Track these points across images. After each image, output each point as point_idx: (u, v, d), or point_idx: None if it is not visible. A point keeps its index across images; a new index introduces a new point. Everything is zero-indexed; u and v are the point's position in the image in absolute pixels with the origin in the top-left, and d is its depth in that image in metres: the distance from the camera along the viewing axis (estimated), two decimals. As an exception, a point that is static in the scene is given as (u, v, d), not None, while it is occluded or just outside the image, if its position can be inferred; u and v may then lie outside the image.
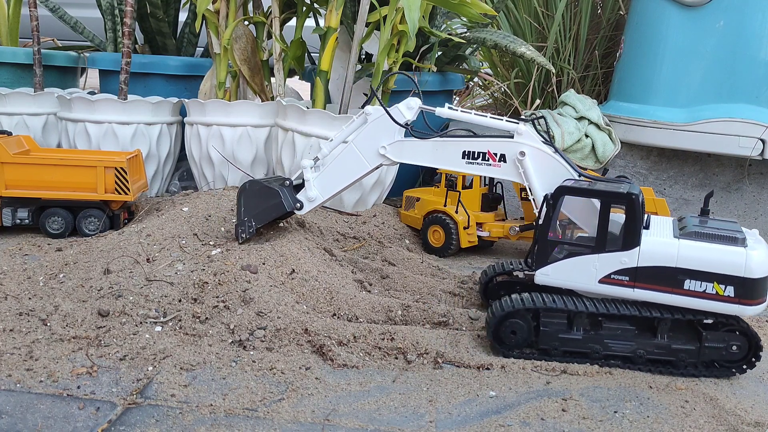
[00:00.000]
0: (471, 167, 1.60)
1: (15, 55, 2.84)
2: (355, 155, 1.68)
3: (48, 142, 2.67)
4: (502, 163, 1.57)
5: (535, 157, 1.53)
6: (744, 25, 2.39)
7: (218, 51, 2.47)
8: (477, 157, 1.59)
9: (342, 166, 1.70)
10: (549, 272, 1.46)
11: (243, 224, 1.74)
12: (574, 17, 3.05)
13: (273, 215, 1.74)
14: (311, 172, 1.72)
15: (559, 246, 1.46)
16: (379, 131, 1.66)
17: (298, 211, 1.74)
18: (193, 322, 1.48)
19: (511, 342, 1.43)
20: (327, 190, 1.72)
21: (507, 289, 1.68)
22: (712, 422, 1.23)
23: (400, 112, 1.65)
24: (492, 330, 1.43)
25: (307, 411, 1.20)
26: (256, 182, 1.74)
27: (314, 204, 1.73)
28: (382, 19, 2.22)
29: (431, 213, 2.21)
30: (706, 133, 2.44)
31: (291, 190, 1.74)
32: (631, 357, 1.42)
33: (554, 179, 1.51)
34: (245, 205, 1.74)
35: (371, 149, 1.67)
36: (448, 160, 1.62)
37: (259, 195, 1.73)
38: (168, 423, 1.14)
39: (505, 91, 3.17)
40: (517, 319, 1.42)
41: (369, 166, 1.68)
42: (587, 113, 2.56)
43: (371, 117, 1.66)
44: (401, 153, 1.66)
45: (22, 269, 1.73)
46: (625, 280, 1.40)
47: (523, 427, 1.19)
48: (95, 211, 2.10)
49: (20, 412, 1.15)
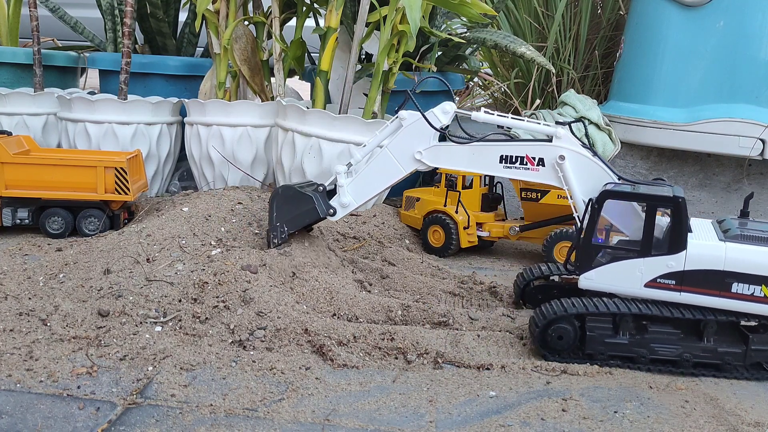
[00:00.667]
0: (509, 171, 1.59)
1: (15, 55, 2.84)
2: (390, 160, 1.67)
3: (48, 142, 2.67)
4: (541, 167, 1.57)
5: (575, 161, 1.53)
6: (744, 25, 2.39)
7: (218, 51, 2.47)
8: (515, 162, 1.58)
9: (376, 171, 1.69)
10: (593, 276, 1.45)
11: (275, 230, 1.74)
12: (574, 17, 3.05)
13: (306, 221, 1.74)
14: (344, 177, 1.71)
15: (603, 250, 1.45)
16: (414, 136, 1.65)
17: (331, 217, 1.73)
18: (193, 322, 1.48)
19: (557, 347, 1.43)
20: (360, 195, 1.71)
21: (544, 293, 1.67)
22: (712, 422, 1.23)
23: (436, 116, 1.63)
24: (538, 335, 1.42)
25: (307, 411, 1.20)
26: (290, 187, 1.73)
27: (347, 210, 1.72)
28: (382, 19, 2.22)
29: (431, 213, 2.21)
30: (706, 133, 2.45)
31: (324, 195, 1.73)
32: (677, 361, 1.42)
33: (594, 183, 1.52)
34: (278, 210, 1.73)
35: (406, 154, 1.66)
36: (486, 164, 1.61)
37: (292, 200, 1.72)
38: (168, 423, 1.14)
39: (505, 91, 3.17)
40: (563, 324, 1.41)
41: (404, 172, 1.68)
42: (587, 113, 2.56)
43: (406, 122, 1.65)
44: (437, 158, 1.65)
45: (22, 269, 1.73)
46: (671, 283, 1.41)
47: (523, 427, 1.19)
48: (95, 211, 2.10)
49: (20, 412, 1.15)
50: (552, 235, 2.09)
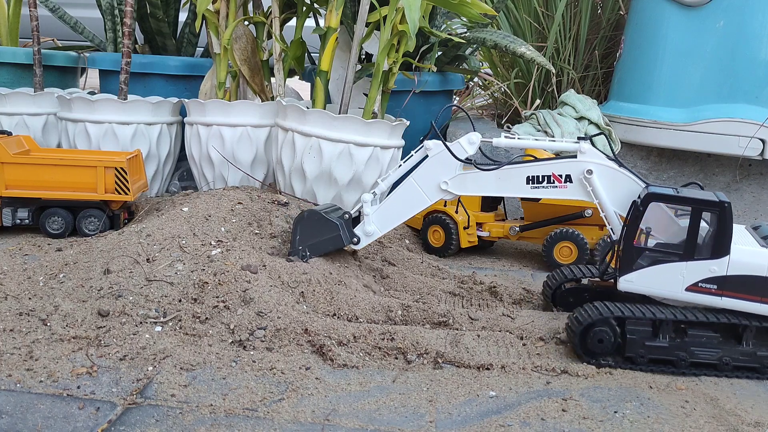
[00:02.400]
0: (537, 191, 1.60)
1: (15, 55, 2.84)
2: (415, 190, 1.68)
3: (48, 142, 2.67)
4: (569, 184, 1.58)
5: (603, 174, 1.55)
6: (744, 26, 2.39)
7: (218, 51, 2.47)
8: (542, 181, 1.60)
9: (401, 200, 1.70)
10: (633, 279, 1.46)
11: (297, 253, 1.74)
12: (574, 17, 3.05)
13: (329, 248, 1.75)
14: (370, 206, 1.72)
15: (644, 253, 1.46)
16: (439, 166, 1.66)
17: (354, 245, 1.74)
18: (193, 322, 1.48)
19: (597, 350, 1.43)
20: (385, 224, 1.73)
21: (576, 295, 1.67)
22: (712, 422, 1.23)
23: (462, 147, 1.64)
24: (578, 338, 1.42)
25: (307, 411, 1.20)
26: (315, 212, 1.74)
27: (371, 239, 1.74)
28: (382, 19, 2.22)
29: (431, 213, 2.21)
30: (706, 133, 2.45)
31: (349, 223, 1.74)
32: (717, 364, 1.42)
33: (623, 193, 1.53)
34: (301, 233, 1.74)
35: (432, 184, 1.67)
36: (513, 187, 1.62)
37: (316, 225, 1.73)
38: (168, 423, 1.14)
39: (505, 91, 3.17)
40: (604, 327, 1.41)
41: (429, 201, 1.69)
42: (587, 113, 2.56)
43: (432, 152, 1.66)
44: (464, 186, 1.66)
45: (22, 269, 1.73)
46: (713, 288, 1.41)
47: (523, 427, 1.19)
48: (95, 211, 2.10)
49: (20, 412, 1.15)
50: (552, 235, 2.09)
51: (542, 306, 1.75)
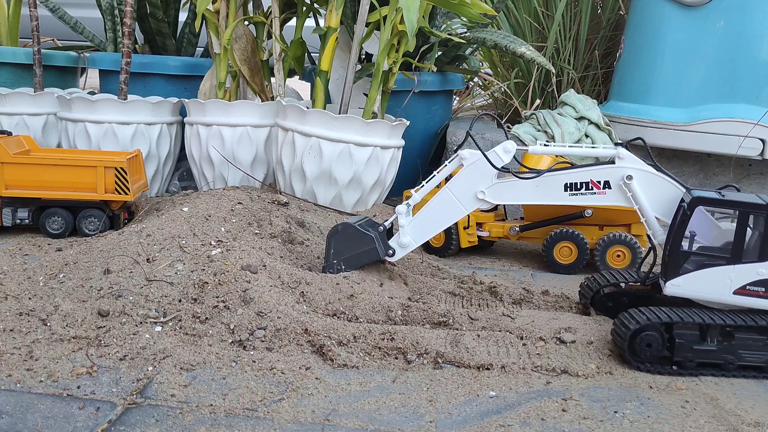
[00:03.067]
0: (575, 198, 1.60)
1: (15, 55, 2.84)
2: (451, 200, 1.67)
3: (48, 142, 2.67)
4: (607, 190, 1.58)
5: (643, 179, 1.55)
6: (744, 25, 2.39)
7: (218, 51, 2.47)
8: (580, 188, 1.59)
9: (436, 211, 1.69)
10: (680, 283, 1.46)
11: (332, 267, 1.73)
12: (574, 17, 3.05)
13: (365, 261, 1.73)
14: (405, 217, 1.70)
15: (691, 257, 1.46)
16: (475, 175, 1.64)
17: (389, 258, 1.72)
18: (193, 322, 1.48)
19: (646, 355, 1.42)
20: (420, 236, 1.71)
21: (614, 300, 1.67)
22: (712, 422, 1.23)
23: (498, 155, 1.63)
24: (627, 343, 1.42)
25: (307, 411, 1.20)
26: (350, 225, 1.72)
27: (406, 250, 1.72)
28: (382, 19, 2.22)
29: (431, 213, 2.21)
30: (706, 133, 2.44)
31: (384, 235, 1.72)
32: (764, 367, 1.43)
33: (663, 197, 1.54)
34: (335, 247, 1.72)
35: (468, 194, 1.66)
36: (551, 195, 1.62)
37: (351, 239, 1.71)
38: (168, 423, 1.14)
39: (505, 91, 3.17)
40: (652, 331, 1.41)
41: (465, 211, 1.68)
42: (587, 113, 2.56)
43: (467, 161, 1.65)
44: (501, 195, 1.65)
45: (22, 269, 1.73)
46: (761, 291, 1.42)
47: (523, 427, 1.19)
48: (95, 211, 2.10)
49: (20, 412, 1.15)
50: (552, 235, 2.09)
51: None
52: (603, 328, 1.58)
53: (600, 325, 1.60)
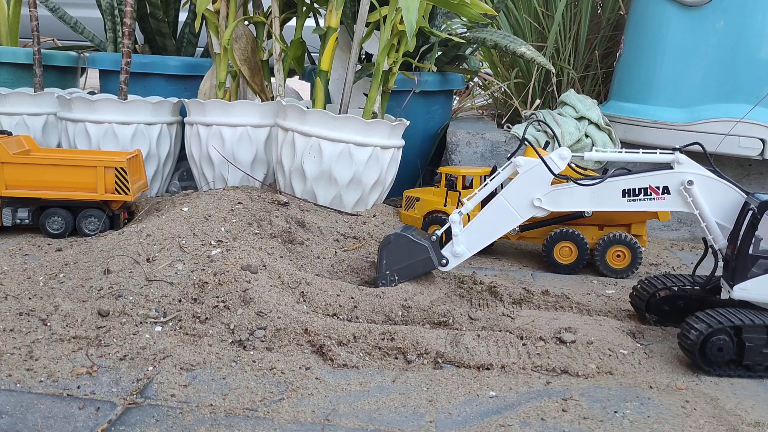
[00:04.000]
0: (633, 204, 1.60)
1: (15, 55, 2.84)
2: (506, 208, 1.66)
3: (48, 142, 2.67)
4: (666, 195, 1.58)
5: (703, 184, 1.55)
6: (744, 25, 2.39)
7: (218, 51, 2.47)
8: (638, 194, 1.59)
9: (491, 219, 1.68)
10: (748, 287, 1.46)
11: (384, 278, 1.72)
12: (574, 17, 3.05)
13: (419, 271, 1.73)
14: (459, 226, 1.69)
15: (759, 260, 1.46)
16: (531, 182, 1.64)
17: (442, 267, 1.72)
18: (193, 322, 1.48)
19: (716, 359, 1.42)
20: (474, 245, 1.70)
21: (670, 304, 1.66)
22: (712, 422, 1.23)
23: (554, 162, 1.63)
24: (698, 348, 1.42)
25: (307, 411, 1.20)
26: (403, 236, 1.71)
27: (460, 260, 1.71)
28: (382, 19, 2.22)
29: (431, 213, 2.21)
30: (706, 133, 2.44)
31: (437, 245, 1.72)
32: None
33: (724, 202, 1.54)
34: (388, 258, 1.71)
35: (523, 201, 1.65)
36: (608, 201, 1.62)
37: (405, 249, 1.71)
38: (168, 423, 1.14)
39: (505, 91, 3.17)
40: (723, 335, 1.41)
41: (520, 219, 1.67)
42: (587, 113, 2.56)
43: (522, 168, 1.64)
44: (558, 201, 1.64)
45: (22, 269, 1.73)
46: None
47: (523, 427, 1.19)
48: (95, 211, 2.10)
49: (20, 412, 1.15)
50: (552, 235, 2.09)
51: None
52: (603, 328, 1.58)
53: (600, 325, 1.60)
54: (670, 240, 2.60)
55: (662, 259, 2.31)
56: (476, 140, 2.64)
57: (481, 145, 2.64)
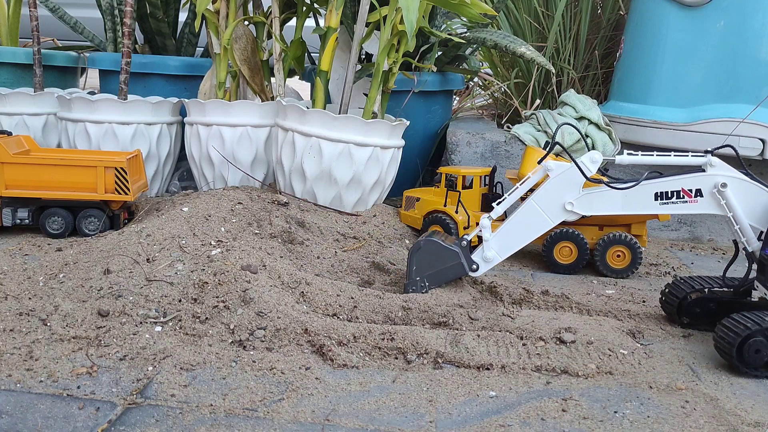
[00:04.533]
0: (665, 207, 1.61)
1: (15, 55, 2.84)
2: (537, 213, 1.66)
3: (48, 142, 2.67)
4: (699, 198, 1.59)
5: (737, 187, 1.56)
6: (744, 25, 2.39)
7: (218, 51, 2.47)
8: (671, 197, 1.60)
9: (521, 224, 1.67)
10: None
11: (415, 284, 1.71)
12: (574, 17, 3.06)
13: (450, 277, 1.72)
14: (489, 231, 1.69)
15: None
16: (563, 186, 1.64)
17: (473, 273, 1.71)
18: (193, 322, 1.48)
19: (755, 362, 1.42)
20: (505, 250, 1.70)
21: (702, 306, 1.66)
22: (712, 422, 1.23)
23: (586, 165, 1.63)
24: (736, 350, 1.42)
25: (307, 411, 1.20)
26: (433, 241, 1.70)
27: (490, 265, 1.71)
28: (382, 19, 2.22)
29: (431, 213, 2.21)
30: (707, 133, 2.44)
31: (467, 250, 1.71)
32: None
33: (757, 204, 1.55)
34: (417, 264, 1.70)
35: (555, 205, 1.65)
36: (641, 204, 1.62)
37: (435, 255, 1.70)
38: (168, 423, 1.14)
39: (505, 91, 3.17)
40: (760, 337, 1.41)
41: (552, 224, 1.67)
42: (587, 113, 2.56)
43: (554, 172, 1.64)
44: (590, 205, 1.64)
45: (22, 269, 1.73)
46: None
47: (523, 427, 1.19)
48: (95, 211, 2.10)
49: (20, 412, 1.15)
50: (552, 235, 2.09)
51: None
52: (603, 328, 1.58)
53: (600, 325, 1.60)
54: (670, 240, 2.60)
55: (662, 259, 2.31)
56: (476, 140, 2.64)
57: (481, 145, 2.64)
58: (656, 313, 1.76)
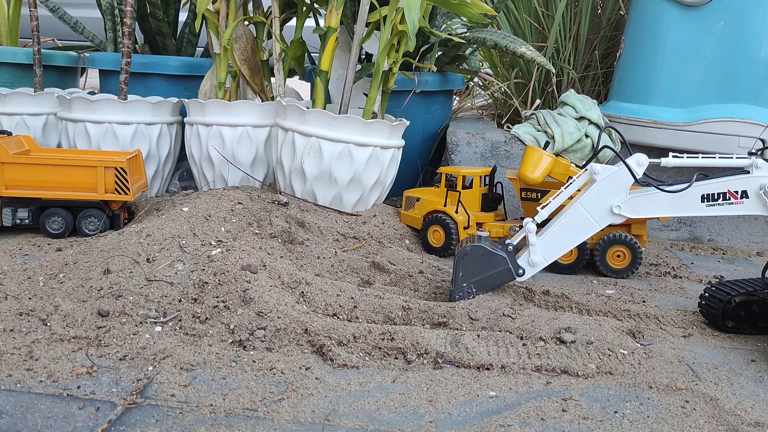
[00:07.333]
0: (712, 209, 1.62)
1: (15, 55, 2.84)
2: (583, 216, 1.66)
3: (48, 142, 2.67)
4: (745, 200, 1.60)
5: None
6: (744, 25, 2.39)
7: (218, 51, 2.47)
8: (717, 199, 1.61)
9: (567, 228, 1.67)
10: None
11: (462, 290, 1.70)
12: (574, 17, 3.06)
13: (498, 282, 1.71)
14: (535, 235, 1.69)
15: None
16: (610, 189, 1.64)
17: (519, 277, 1.71)
18: (193, 322, 1.48)
19: None
20: (550, 254, 1.70)
21: (746, 309, 1.65)
22: (712, 422, 1.23)
23: (633, 168, 1.63)
24: None
25: (307, 411, 1.20)
26: (480, 247, 1.69)
27: (536, 269, 1.70)
28: (382, 19, 2.22)
29: (431, 213, 2.21)
30: (706, 133, 2.44)
31: (513, 255, 1.71)
32: None
33: None
34: (464, 270, 1.69)
35: (601, 209, 1.65)
36: (688, 206, 1.63)
37: (482, 261, 1.69)
38: (168, 423, 1.14)
39: (505, 91, 3.17)
40: None
41: (598, 227, 1.67)
42: (587, 113, 2.56)
43: (600, 176, 1.64)
44: (637, 208, 1.64)
45: (22, 269, 1.73)
46: None
47: (523, 427, 1.19)
48: (95, 211, 2.10)
49: (20, 412, 1.15)
50: (552, 235, 2.09)
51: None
52: (603, 328, 1.58)
53: (600, 325, 1.60)
54: (670, 240, 2.60)
55: (662, 259, 2.31)
56: (476, 140, 2.64)
57: (481, 145, 2.64)
58: (656, 313, 1.76)
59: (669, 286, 2.02)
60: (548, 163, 2.11)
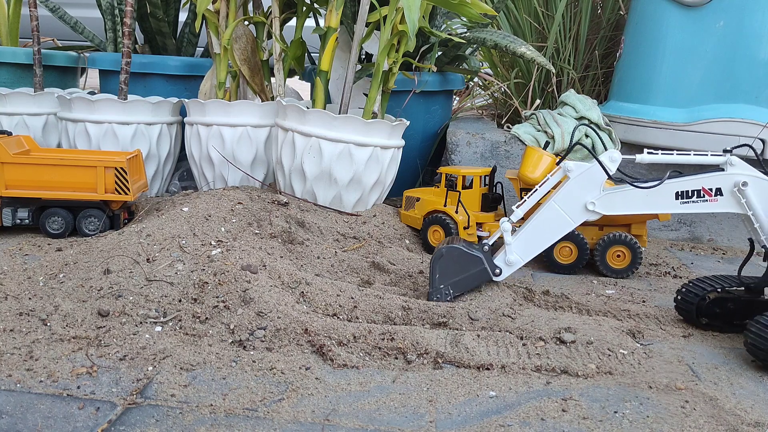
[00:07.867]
0: (686, 206, 1.61)
1: (15, 55, 2.84)
2: (557, 214, 1.66)
3: (48, 142, 2.68)
4: (719, 197, 1.60)
5: (757, 185, 1.57)
6: (744, 25, 2.39)
7: (218, 51, 2.47)
8: (691, 196, 1.61)
9: (543, 226, 1.67)
10: None
11: (439, 292, 1.69)
12: (574, 17, 3.06)
13: (475, 283, 1.71)
14: (511, 235, 1.69)
15: None
16: (584, 186, 1.64)
17: (496, 277, 1.71)
18: (193, 322, 1.48)
19: None
20: (527, 253, 1.70)
21: (720, 306, 1.66)
22: (711, 422, 1.23)
23: (607, 165, 1.64)
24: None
25: (307, 411, 1.20)
26: (456, 248, 1.69)
27: (513, 269, 1.70)
28: (382, 19, 2.22)
29: (431, 213, 2.21)
30: (706, 133, 2.44)
31: (489, 255, 1.71)
32: None
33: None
34: (440, 272, 1.68)
35: (576, 206, 1.65)
36: (662, 203, 1.63)
37: (458, 262, 1.68)
38: (168, 423, 1.14)
39: (505, 91, 3.17)
40: None
41: (573, 224, 1.66)
42: (587, 113, 2.56)
43: (573, 173, 1.64)
44: (612, 205, 1.65)
45: (22, 269, 1.73)
46: None
47: (523, 427, 1.19)
48: (95, 211, 2.10)
49: (20, 412, 1.15)
50: (552, 235, 2.09)
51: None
52: (602, 328, 1.58)
53: (600, 325, 1.60)
54: (670, 240, 2.60)
55: (662, 259, 2.31)
56: (476, 140, 2.64)
57: (481, 145, 2.64)
58: (656, 313, 1.76)
59: (669, 286, 2.02)
60: (548, 163, 2.11)
